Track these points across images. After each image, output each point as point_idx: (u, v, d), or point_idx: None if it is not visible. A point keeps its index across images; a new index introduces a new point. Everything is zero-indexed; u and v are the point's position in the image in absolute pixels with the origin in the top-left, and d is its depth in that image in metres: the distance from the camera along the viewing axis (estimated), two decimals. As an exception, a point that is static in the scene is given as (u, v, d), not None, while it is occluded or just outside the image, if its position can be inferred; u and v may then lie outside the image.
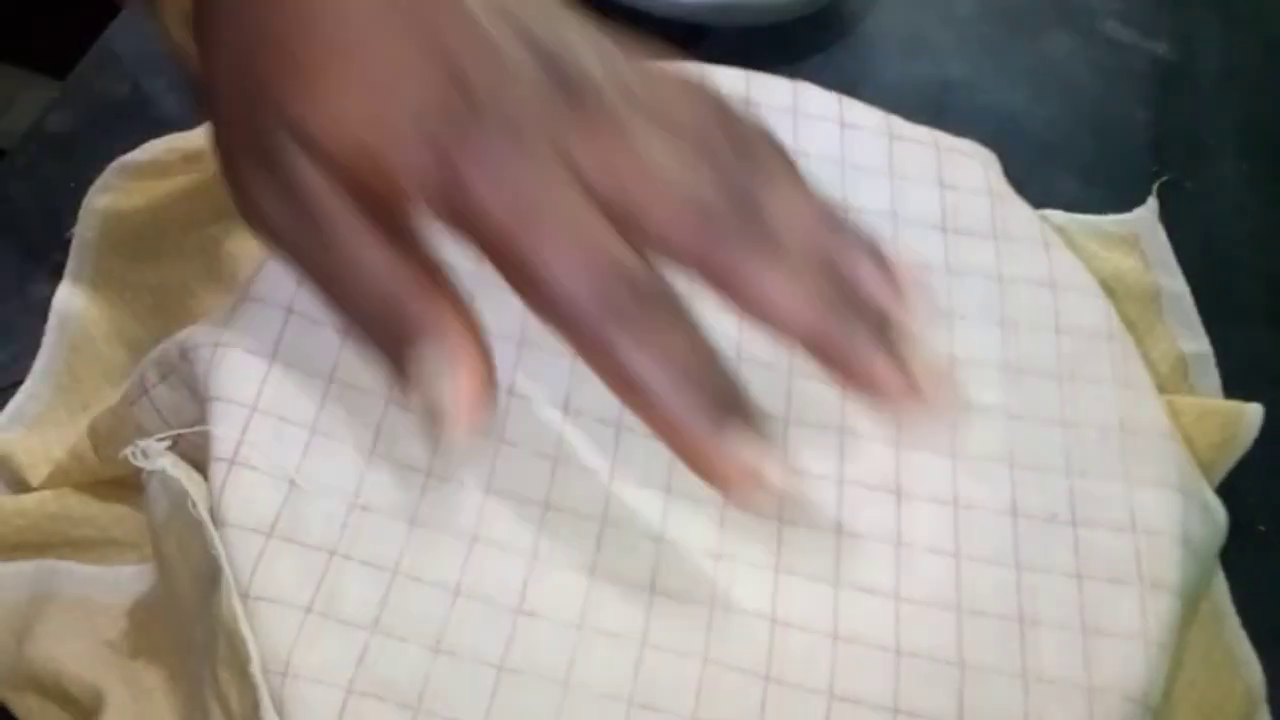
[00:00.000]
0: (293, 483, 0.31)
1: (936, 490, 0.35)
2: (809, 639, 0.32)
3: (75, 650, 0.33)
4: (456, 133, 0.26)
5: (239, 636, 0.29)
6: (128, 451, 0.31)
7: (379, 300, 0.28)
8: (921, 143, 0.43)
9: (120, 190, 0.41)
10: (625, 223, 0.26)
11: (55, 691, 0.33)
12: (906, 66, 0.53)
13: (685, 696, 0.31)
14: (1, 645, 0.33)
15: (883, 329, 0.29)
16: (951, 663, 0.32)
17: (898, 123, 0.43)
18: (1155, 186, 0.44)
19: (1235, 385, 0.44)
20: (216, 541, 0.30)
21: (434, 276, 0.28)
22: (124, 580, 0.34)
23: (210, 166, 0.40)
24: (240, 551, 0.30)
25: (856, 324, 0.28)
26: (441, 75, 0.26)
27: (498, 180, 0.25)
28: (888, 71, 0.53)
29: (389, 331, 0.28)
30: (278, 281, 0.34)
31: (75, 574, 0.34)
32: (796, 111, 0.42)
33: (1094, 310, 0.39)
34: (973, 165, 0.42)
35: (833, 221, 0.30)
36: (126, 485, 0.35)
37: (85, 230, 0.41)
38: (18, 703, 0.34)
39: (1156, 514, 0.35)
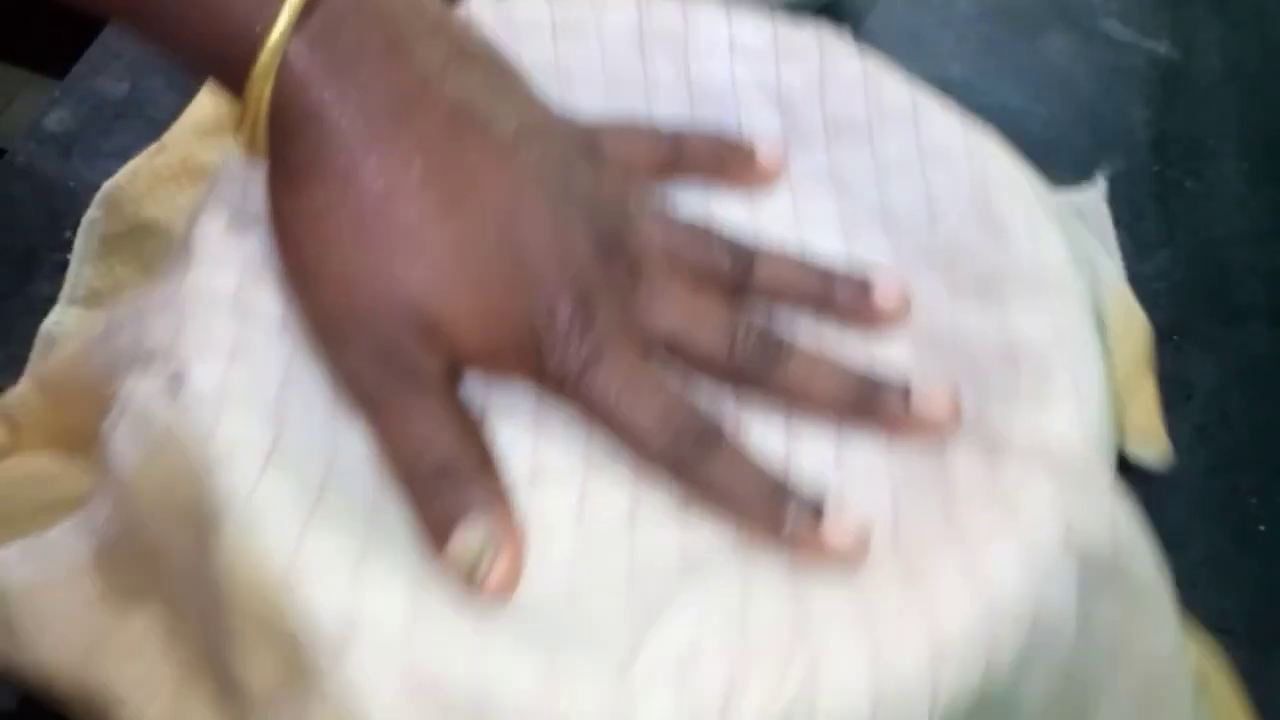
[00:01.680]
0: (276, 414, 0.32)
1: None
2: None
3: (57, 634, 0.33)
4: (560, 339, 0.34)
5: (271, 587, 0.28)
6: (118, 386, 0.31)
7: (441, 468, 0.33)
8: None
9: (115, 216, 0.41)
10: (679, 351, 0.36)
11: (55, 693, 0.33)
12: (906, 66, 0.53)
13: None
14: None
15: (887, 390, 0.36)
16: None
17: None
18: (1104, 173, 0.44)
19: (1235, 385, 0.44)
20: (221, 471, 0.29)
21: (488, 458, 0.34)
22: (66, 539, 0.33)
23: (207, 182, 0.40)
24: (241, 479, 0.30)
25: (872, 394, 0.35)
26: (541, 292, 0.34)
27: (594, 371, 0.34)
28: (888, 71, 0.53)
29: (443, 495, 0.33)
30: (221, 251, 0.34)
31: (11, 559, 0.34)
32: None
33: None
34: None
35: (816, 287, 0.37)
36: (75, 441, 0.35)
37: (84, 251, 0.42)
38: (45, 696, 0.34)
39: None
